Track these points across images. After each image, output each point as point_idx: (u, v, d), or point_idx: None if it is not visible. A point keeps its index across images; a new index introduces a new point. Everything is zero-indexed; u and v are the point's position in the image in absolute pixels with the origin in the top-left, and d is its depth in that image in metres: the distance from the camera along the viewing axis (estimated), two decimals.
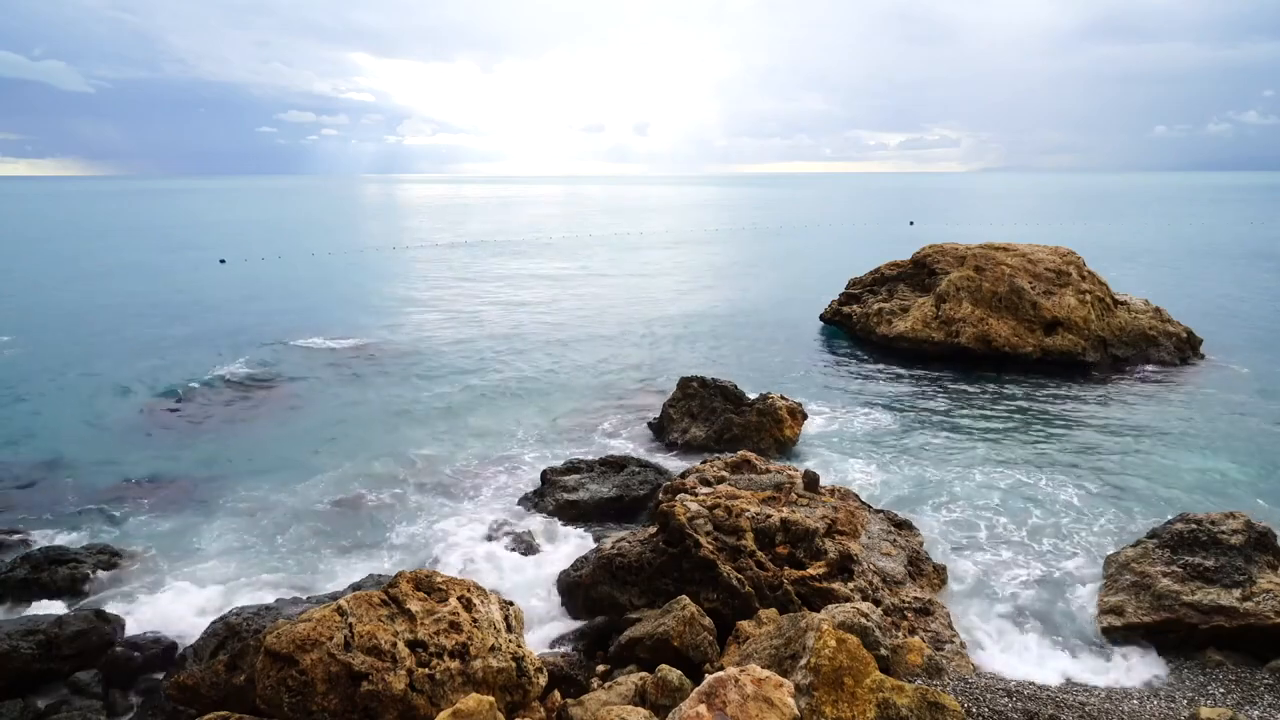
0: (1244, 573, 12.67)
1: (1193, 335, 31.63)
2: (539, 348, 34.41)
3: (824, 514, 14.35)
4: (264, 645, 9.28)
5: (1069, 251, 34.14)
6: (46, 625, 12.15)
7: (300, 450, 21.94)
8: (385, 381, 28.98)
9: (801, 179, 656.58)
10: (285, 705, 8.93)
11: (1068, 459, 20.69)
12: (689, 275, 58.64)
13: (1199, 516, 13.91)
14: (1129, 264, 59.77)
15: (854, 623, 10.51)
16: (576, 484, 18.13)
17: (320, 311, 43.18)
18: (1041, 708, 9.80)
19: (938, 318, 32.43)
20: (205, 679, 10.39)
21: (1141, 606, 12.87)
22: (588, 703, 9.72)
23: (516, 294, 49.36)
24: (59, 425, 23.98)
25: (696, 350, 33.78)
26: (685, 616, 11.44)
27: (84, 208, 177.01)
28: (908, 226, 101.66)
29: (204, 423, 24.30)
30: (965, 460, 20.68)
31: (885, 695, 8.39)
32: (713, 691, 8.00)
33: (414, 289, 51.71)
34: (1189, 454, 20.96)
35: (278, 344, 34.78)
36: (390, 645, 9.28)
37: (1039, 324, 30.90)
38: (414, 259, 69.94)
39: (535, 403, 26.36)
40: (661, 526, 13.63)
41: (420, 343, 35.38)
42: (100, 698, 11.47)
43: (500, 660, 9.66)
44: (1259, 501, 17.93)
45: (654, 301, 46.38)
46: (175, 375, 29.48)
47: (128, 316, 41.60)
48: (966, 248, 35.13)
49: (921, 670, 10.67)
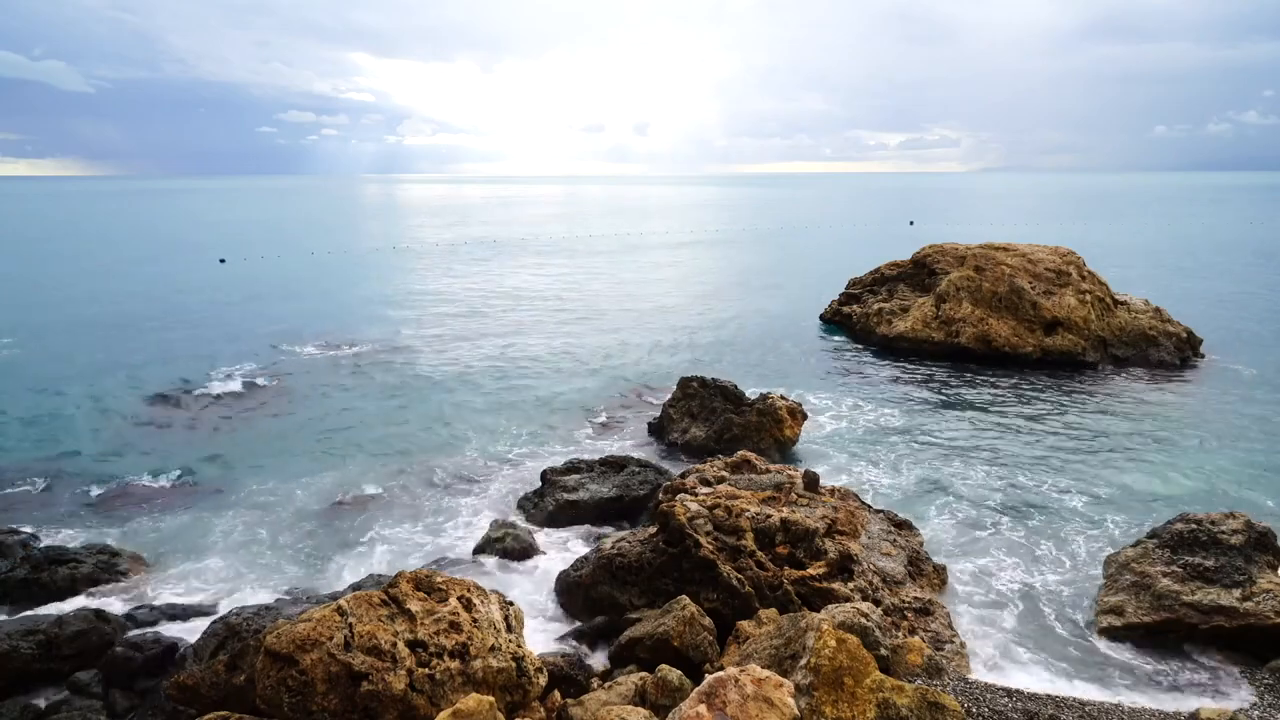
0: (1244, 573, 12.67)
1: (1193, 335, 31.63)
2: (539, 348, 34.41)
3: (824, 514, 14.35)
4: (264, 645, 9.28)
5: (1069, 251, 34.15)
6: (46, 625, 12.16)
7: (300, 449, 21.95)
8: (385, 381, 28.98)
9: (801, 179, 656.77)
10: (285, 705, 8.92)
11: (1067, 459, 20.69)
12: (689, 275, 58.66)
13: (1199, 516, 13.90)
14: (1129, 264, 59.79)
15: (854, 623, 10.51)
16: (576, 484, 18.12)
17: (320, 312, 43.19)
18: (1041, 707, 9.79)
19: (938, 318, 32.43)
20: (205, 679, 10.39)
21: (1142, 606, 12.87)
22: (588, 703, 9.71)
23: (516, 294, 49.37)
24: (59, 425, 23.99)
25: (696, 350, 33.78)
26: (685, 616, 11.44)
27: (84, 208, 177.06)
28: (908, 226, 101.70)
29: (204, 423, 24.30)
30: (965, 460, 20.68)
31: (885, 695, 8.39)
32: (713, 691, 8.00)
33: (414, 289, 51.72)
34: (1189, 454, 20.96)
35: (277, 344, 34.79)
36: (390, 645, 9.27)
37: (1039, 324, 30.90)
38: (413, 259, 69.96)
39: (535, 403, 26.37)
40: (661, 526, 13.63)
41: (420, 342, 35.39)
42: (100, 698, 11.46)
43: (500, 660, 9.66)
44: (1259, 501, 17.93)
45: (654, 302, 46.38)
46: (175, 375, 29.49)
47: (128, 316, 41.61)
48: (966, 248, 35.14)
49: (921, 670, 10.66)
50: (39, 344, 35.12)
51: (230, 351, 33.35)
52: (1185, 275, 54.88)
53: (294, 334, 36.77)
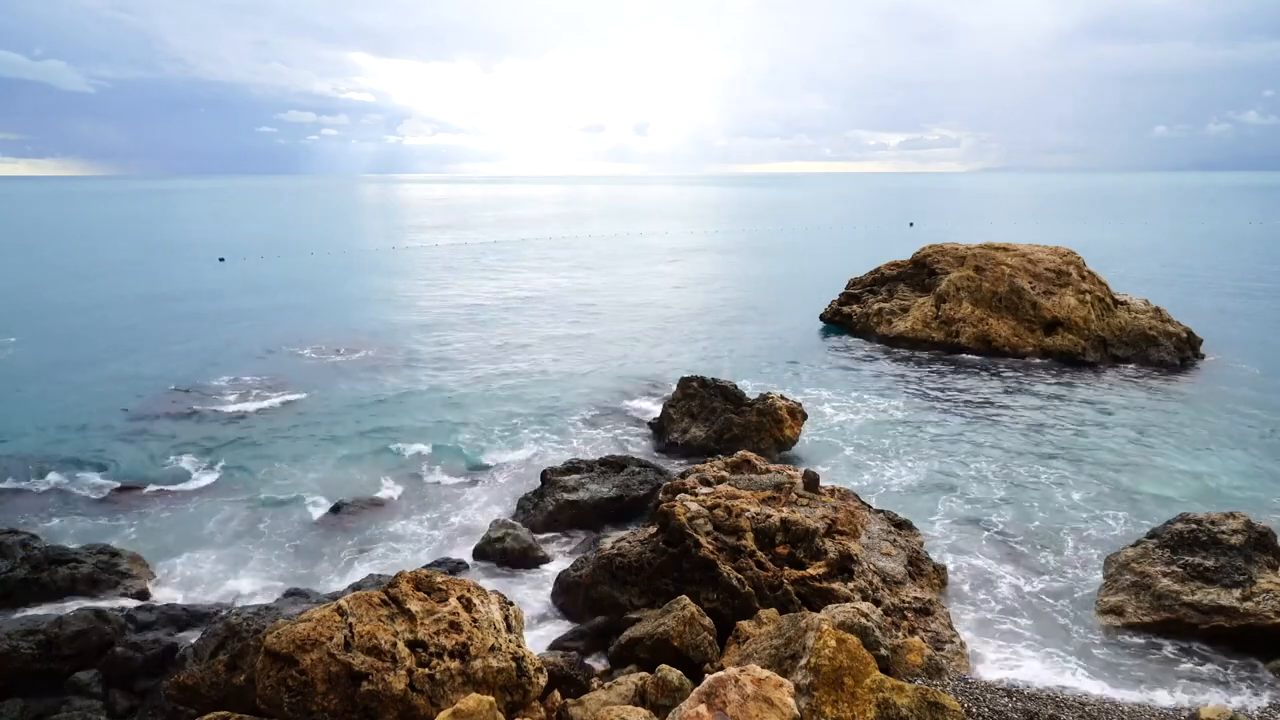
0: (1244, 573, 12.67)
1: (1193, 335, 31.62)
2: (539, 347, 34.41)
3: (824, 514, 14.34)
4: (264, 645, 9.27)
5: (1069, 251, 34.15)
6: (46, 625, 12.15)
7: (300, 450, 21.95)
8: (384, 381, 28.98)
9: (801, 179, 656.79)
10: (285, 705, 8.92)
11: (1067, 459, 20.69)
12: (689, 275, 58.67)
13: (1199, 516, 13.90)
14: (1129, 264, 59.78)
15: (854, 623, 10.51)
16: (576, 484, 18.12)
17: (319, 312, 43.20)
18: (1041, 707, 9.80)
19: (938, 317, 32.44)
20: (205, 679, 10.39)
21: (1141, 606, 12.87)
22: (588, 703, 9.71)
23: (516, 294, 49.36)
24: (59, 425, 23.98)
25: (697, 350, 33.77)
26: (685, 616, 11.44)
27: (84, 208, 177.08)
28: (908, 227, 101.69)
29: (204, 423, 24.30)
30: (965, 460, 20.68)
31: (885, 695, 8.39)
32: (713, 691, 8.00)
33: (413, 289, 51.72)
34: (1189, 454, 20.96)
35: (277, 343, 34.79)
36: (390, 645, 9.27)
37: (1039, 324, 30.91)
38: (413, 259, 69.96)
39: (535, 403, 26.36)
40: (661, 526, 13.63)
41: (419, 342, 35.39)
42: (100, 698, 11.45)
43: (500, 660, 9.66)
44: (1259, 501, 17.93)
45: (654, 301, 46.38)
46: (175, 375, 29.49)
47: (128, 317, 41.62)
48: (966, 248, 35.14)
49: (921, 670, 10.66)
50: (39, 344, 35.12)
51: (230, 352, 33.35)
52: (1185, 275, 54.88)
53: (294, 334, 36.76)
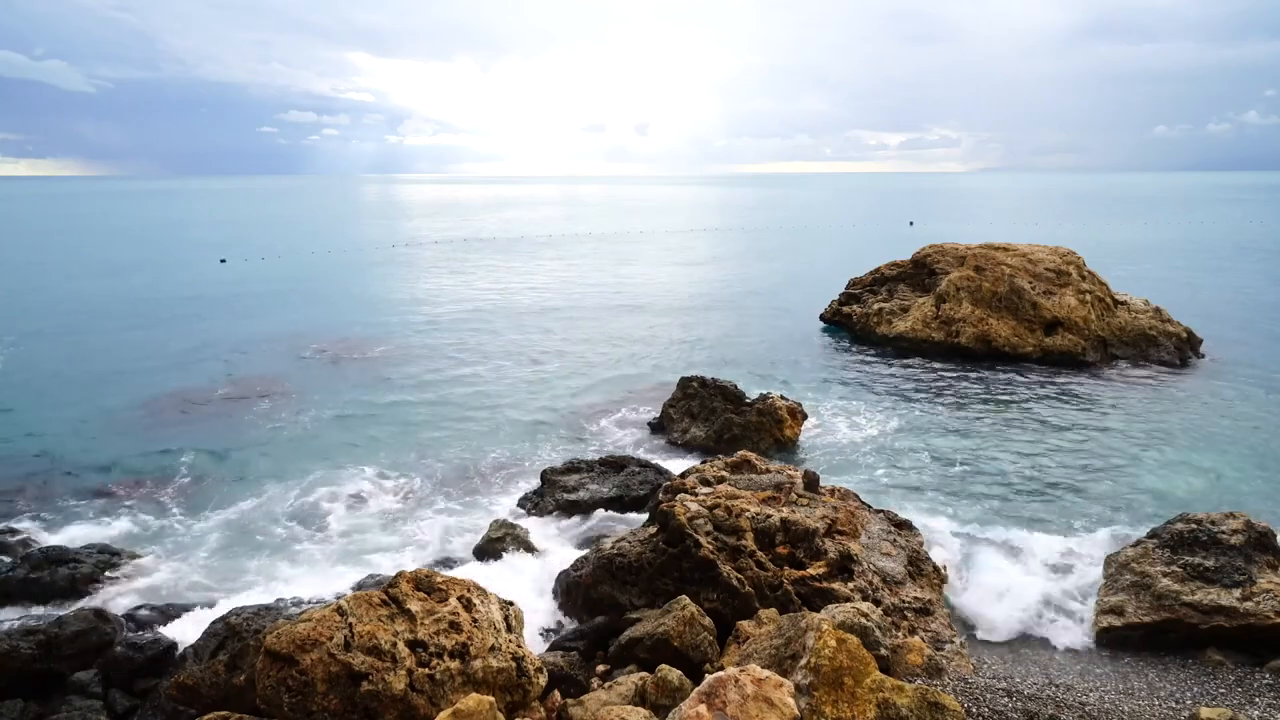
0: (1244, 573, 12.67)
1: (1193, 335, 31.61)
2: (539, 347, 34.41)
3: (824, 514, 14.34)
4: (264, 645, 9.27)
5: (1069, 251, 34.14)
6: (46, 625, 12.14)
7: (300, 450, 21.95)
8: (385, 380, 28.98)
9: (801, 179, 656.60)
10: (285, 705, 8.92)
11: (1067, 458, 20.69)
12: (689, 275, 58.64)
13: (1199, 516, 13.89)
14: (1129, 264, 59.76)
15: (854, 623, 10.51)
16: (576, 484, 18.12)
17: (320, 311, 43.19)
18: (1042, 708, 9.79)
19: (938, 318, 32.43)
20: (205, 679, 10.39)
21: (1141, 606, 12.86)
22: (588, 703, 9.71)
23: (516, 294, 49.35)
24: (59, 425, 23.98)
25: (696, 350, 33.77)
26: (685, 616, 11.43)
27: (84, 208, 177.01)
28: (908, 226, 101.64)
29: (204, 423, 24.30)
30: (964, 460, 20.68)
31: (885, 695, 8.39)
32: (713, 691, 8.00)
33: (413, 289, 51.70)
34: (1189, 454, 20.96)
35: (277, 343, 34.78)
36: (390, 645, 9.27)
37: (1039, 324, 30.90)
38: (413, 259, 69.94)
39: (535, 402, 26.36)
40: (661, 526, 13.63)
41: (419, 342, 35.38)
42: (100, 698, 11.44)
43: (500, 660, 9.66)
44: (1259, 501, 17.92)
45: (654, 301, 46.36)
46: (175, 375, 29.49)
47: (128, 316, 41.60)
48: (966, 248, 35.13)
49: (921, 670, 10.66)
50: (39, 343, 35.11)
51: (230, 351, 33.34)
52: (1185, 275, 54.84)
53: (294, 334, 36.76)
